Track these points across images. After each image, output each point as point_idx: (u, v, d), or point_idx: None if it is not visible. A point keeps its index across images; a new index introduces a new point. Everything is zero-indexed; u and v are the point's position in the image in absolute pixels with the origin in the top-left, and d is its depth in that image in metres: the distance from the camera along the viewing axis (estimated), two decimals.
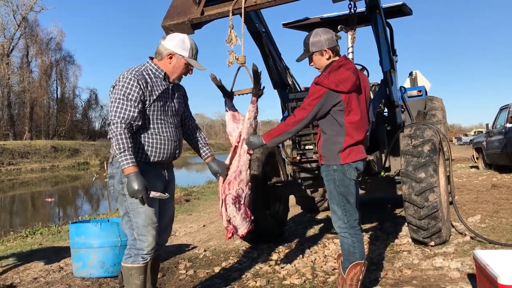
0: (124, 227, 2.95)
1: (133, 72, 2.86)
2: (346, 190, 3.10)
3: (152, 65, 2.97)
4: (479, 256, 2.96)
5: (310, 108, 3.03)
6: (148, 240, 2.87)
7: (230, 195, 3.25)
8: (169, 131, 2.99)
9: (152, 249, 2.89)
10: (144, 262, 2.89)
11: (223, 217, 3.28)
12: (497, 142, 11.72)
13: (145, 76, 2.88)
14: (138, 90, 2.81)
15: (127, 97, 2.78)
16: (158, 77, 2.95)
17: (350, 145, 3.05)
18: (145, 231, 2.86)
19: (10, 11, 49.30)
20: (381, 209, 7.02)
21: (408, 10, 5.77)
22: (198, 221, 7.86)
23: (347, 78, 2.99)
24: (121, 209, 2.95)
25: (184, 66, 2.98)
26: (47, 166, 37.21)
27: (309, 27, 6.44)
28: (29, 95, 51.13)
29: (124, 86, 2.80)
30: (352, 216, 3.11)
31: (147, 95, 2.85)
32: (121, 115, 2.76)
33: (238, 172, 3.29)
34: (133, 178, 2.67)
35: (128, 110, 2.78)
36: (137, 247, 2.88)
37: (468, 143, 36.55)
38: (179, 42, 2.95)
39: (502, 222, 5.52)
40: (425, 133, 4.64)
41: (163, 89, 2.96)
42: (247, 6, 3.37)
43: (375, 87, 6.14)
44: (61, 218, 12.07)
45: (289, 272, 4.10)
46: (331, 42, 3.12)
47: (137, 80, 2.82)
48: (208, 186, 14.55)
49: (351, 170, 3.08)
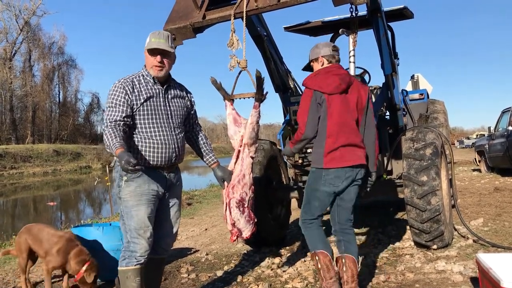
0: (122, 229, 3.02)
1: (121, 80, 2.97)
2: (312, 193, 3.28)
3: (144, 71, 3.05)
4: (482, 260, 2.96)
5: (307, 109, 3.18)
6: (140, 243, 2.90)
7: (234, 198, 3.26)
8: (163, 135, 2.99)
9: (145, 252, 2.91)
10: (139, 264, 2.90)
11: (228, 220, 3.29)
12: (499, 145, 11.69)
13: (133, 81, 2.97)
14: (124, 94, 2.90)
15: (115, 103, 2.88)
16: (148, 82, 3.01)
17: (333, 149, 3.13)
18: (137, 234, 2.90)
19: (13, 16, 49.55)
20: (383, 212, 7.01)
21: (410, 13, 5.77)
22: (200, 224, 7.85)
23: (331, 81, 3.17)
24: (120, 212, 3.04)
25: (147, 55, 3.00)
26: (49, 170, 37.25)
27: (311, 30, 6.46)
28: (31, 99, 51.23)
29: (111, 94, 2.92)
30: (307, 214, 3.33)
31: (133, 99, 2.92)
32: (111, 117, 2.85)
33: (242, 175, 3.30)
34: (121, 155, 2.65)
35: (116, 112, 2.86)
36: (130, 250, 2.91)
37: (470, 146, 36.53)
38: (148, 39, 3.01)
39: (505, 225, 5.50)
40: (427, 136, 4.63)
41: (154, 93, 2.99)
42: (249, 10, 3.38)
43: (376, 90, 6.14)
44: (63, 222, 12.07)
45: (291, 276, 4.09)
46: (326, 51, 3.35)
47: (123, 86, 2.92)
48: (210, 189, 14.54)
49: (330, 176, 3.16)
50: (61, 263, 3.74)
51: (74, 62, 60.44)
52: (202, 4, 3.60)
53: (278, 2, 3.28)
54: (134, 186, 2.92)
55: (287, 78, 5.12)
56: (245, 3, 3.37)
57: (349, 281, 3.18)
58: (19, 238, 4.05)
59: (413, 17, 5.93)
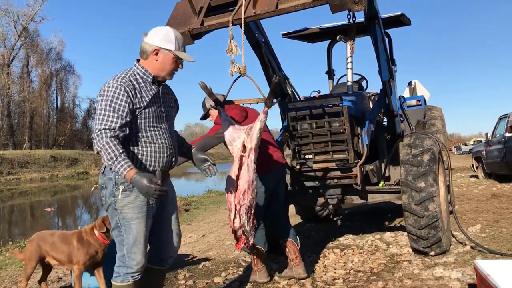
0: (115, 239, 2.81)
1: (119, 79, 2.65)
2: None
3: (139, 68, 2.78)
4: (480, 266, 2.96)
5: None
6: (137, 258, 2.73)
7: (244, 205, 3.21)
8: (164, 138, 2.80)
9: (142, 267, 2.77)
10: (134, 280, 2.77)
11: (236, 227, 3.24)
12: (496, 151, 11.72)
13: (132, 82, 2.68)
14: (126, 98, 2.61)
15: (113, 107, 2.58)
16: (146, 82, 2.76)
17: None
18: (135, 248, 2.72)
19: (11, 22, 49.49)
20: (381, 218, 7.00)
21: (407, 20, 5.81)
22: (197, 231, 7.82)
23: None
24: (112, 222, 2.79)
25: (172, 61, 2.77)
26: (47, 176, 37.12)
27: (309, 37, 6.49)
28: (29, 104, 51.14)
29: (110, 95, 2.60)
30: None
31: (137, 103, 2.66)
32: (106, 126, 2.55)
33: (251, 182, 3.25)
34: (138, 178, 2.46)
35: (114, 122, 2.57)
36: (126, 265, 2.75)
37: (467, 153, 36.57)
38: (163, 36, 2.75)
39: (502, 231, 5.51)
40: (425, 143, 4.65)
41: (153, 94, 2.76)
42: (247, 16, 3.39)
43: (374, 96, 6.16)
44: (61, 228, 12.04)
45: (289, 283, 4.07)
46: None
47: (124, 88, 2.62)
48: (208, 195, 14.50)
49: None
50: (89, 254, 3.73)
51: (72, 68, 60.41)
52: (200, 10, 3.61)
53: (276, 8, 3.29)
54: (134, 196, 2.69)
55: (285, 84, 5.13)
56: (243, 10, 3.38)
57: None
58: (31, 246, 3.92)
59: (410, 24, 5.98)
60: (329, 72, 6.98)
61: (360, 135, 4.60)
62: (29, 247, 3.95)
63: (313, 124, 4.48)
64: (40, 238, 3.96)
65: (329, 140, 4.43)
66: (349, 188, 4.81)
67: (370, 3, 3.62)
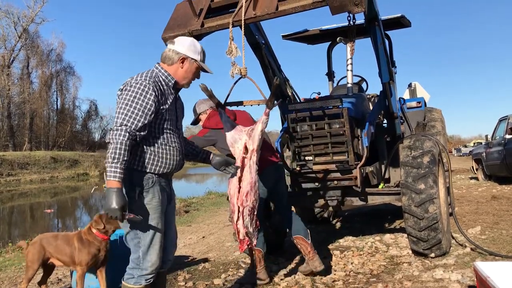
0: (129, 242, 2.79)
1: (147, 78, 2.67)
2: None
3: (162, 71, 2.81)
4: (480, 268, 2.96)
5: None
6: (152, 259, 2.74)
7: (247, 206, 3.20)
8: (178, 142, 2.86)
9: (156, 269, 2.77)
10: (146, 284, 2.76)
11: (240, 229, 3.23)
12: (496, 153, 11.72)
13: (159, 83, 2.72)
14: (154, 98, 2.63)
15: (141, 104, 2.59)
16: (168, 85, 2.81)
17: None
18: (152, 250, 2.73)
19: (11, 23, 49.61)
20: (381, 220, 7.00)
21: (407, 22, 5.81)
22: (197, 232, 7.83)
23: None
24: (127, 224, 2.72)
25: (195, 70, 2.89)
26: (47, 177, 37.12)
27: (309, 39, 6.49)
28: (29, 106, 51.20)
29: (138, 92, 2.60)
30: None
31: (161, 104, 2.70)
32: (128, 122, 2.55)
33: (253, 183, 3.25)
34: (115, 194, 2.46)
35: (137, 120, 2.57)
36: (140, 267, 2.74)
37: (467, 154, 36.61)
38: (190, 45, 2.86)
39: (502, 233, 5.51)
40: (425, 144, 4.65)
41: (172, 98, 2.83)
42: (247, 18, 3.39)
43: (374, 98, 6.17)
44: (60, 229, 12.03)
45: (289, 284, 4.07)
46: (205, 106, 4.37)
47: (153, 87, 2.64)
48: (208, 197, 14.51)
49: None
50: (91, 254, 3.72)
51: (72, 69, 60.54)
52: (200, 12, 3.61)
53: (276, 10, 3.29)
54: (150, 197, 2.70)
55: (285, 86, 5.13)
56: (244, 12, 3.38)
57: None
58: (34, 248, 3.91)
59: (410, 26, 5.98)
60: (329, 73, 6.99)
61: (360, 136, 4.60)
62: (32, 249, 3.93)
63: (313, 125, 4.48)
64: (43, 240, 3.95)
65: (329, 141, 4.44)
66: (349, 189, 4.81)
67: (370, 5, 3.63)
